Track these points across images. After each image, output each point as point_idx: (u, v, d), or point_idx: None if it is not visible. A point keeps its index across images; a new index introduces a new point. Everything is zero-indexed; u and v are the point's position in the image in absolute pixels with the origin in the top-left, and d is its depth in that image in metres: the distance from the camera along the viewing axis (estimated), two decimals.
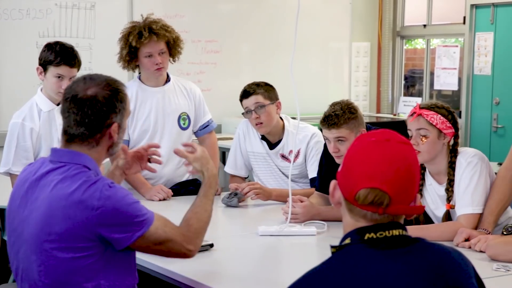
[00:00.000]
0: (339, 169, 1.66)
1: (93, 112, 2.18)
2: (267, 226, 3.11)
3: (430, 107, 3.05)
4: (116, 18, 5.88)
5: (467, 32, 6.97)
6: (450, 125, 3.05)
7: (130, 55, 3.85)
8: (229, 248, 2.87)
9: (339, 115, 3.29)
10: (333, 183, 1.65)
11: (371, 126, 3.56)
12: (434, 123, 3.02)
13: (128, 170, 2.68)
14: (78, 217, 2.08)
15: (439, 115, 3.03)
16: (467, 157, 3.05)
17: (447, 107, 3.09)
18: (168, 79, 4.02)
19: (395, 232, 1.58)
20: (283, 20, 6.64)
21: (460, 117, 7.07)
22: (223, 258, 2.77)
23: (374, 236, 1.57)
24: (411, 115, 3.07)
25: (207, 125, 4.14)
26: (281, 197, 3.64)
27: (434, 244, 1.64)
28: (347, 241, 1.60)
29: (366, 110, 7.80)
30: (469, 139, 7.04)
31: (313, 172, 3.75)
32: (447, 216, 3.09)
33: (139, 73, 4.02)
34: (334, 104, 3.38)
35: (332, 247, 1.62)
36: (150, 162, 2.70)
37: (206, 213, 2.39)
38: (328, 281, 1.53)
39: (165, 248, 2.22)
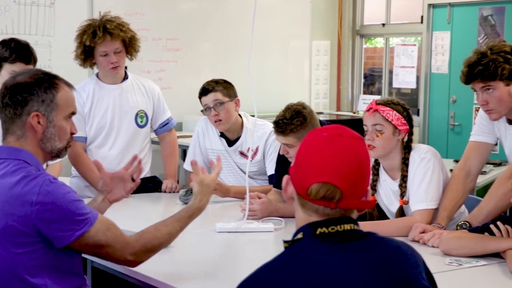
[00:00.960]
0: (292, 164, 1.68)
1: (11, 96, 2.18)
2: (225, 223, 3.13)
3: (386, 103, 3.09)
4: (76, 15, 5.80)
5: (424, 31, 7.07)
6: (405, 121, 3.10)
7: (85, 54, 3.85)
8: (186, 245, 2.87)
9: (286, 124, 3.28)
10: (285, 178, 1.66)
11: (326, 123, 3.59)
12: (389, 119, 3.06)
13: (111, 195, 2.59)
14: (17, 212, 2.07)
15: (395, 112, 3.07)
16: (420, 153, 3.10)
17: (403, 104, 3.14)
18: (126, 77, 4.01)
19: (347, 226, 1.60)
20: (243, 19, 6.65)
21: (418, 115, 7.16)
22: (180, 255, 2.77)
23: (326, 231, 1.58)
24: (368, 110, 3.10)
25: (167, 123, 4.16)
26: (240, 194, 3.66)
27: (384, 238, 1.66)
28: (299, 236, 1.61)
29: (326, 108, 7.86)
30: (427, 137, 7.13)
31: (271, 169, 3.77)
32: (401, 212, 3.15)
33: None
34: (286, 109, 3.36)
35: (284, 242, 1.63)
36: (134, 181, 2.62)
37: (168, 236, 2.34)
38: (280, 275, 1.54)
39: (104, 252, 2.18)
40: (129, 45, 3.90)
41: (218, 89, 3.80)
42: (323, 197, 1.57)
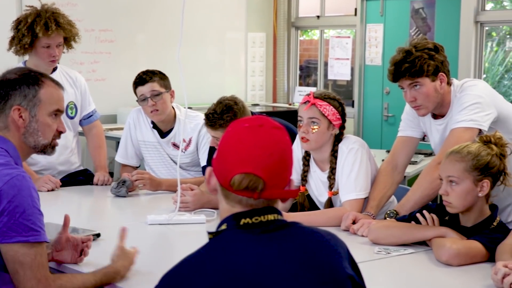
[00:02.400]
0: (214, 155, 1.68)
1: None
2: (156, 215, 3.11)
3: (324, 98, 3.12)
4: (3, 3, 5.73)
5: (358, 24, 7.16)
6: (340, 116, 3.14)
7: (31, 43, 3.79)
8: (117, 237, 2.84)
9: (216, 118, 3.29)
10: (208, 169, 1.66)
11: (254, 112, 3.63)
12: (326, 114, 3.09)
13: (57, 254, 2.48)
14: None
15: (332, 107, 3.11)
16: (348, 144, 3.15)
17: (338, 99, 3.18)
18: (55, 68, 3.96)
19: (270, 217, 1.61)
20: (178, 10, 6.60)
21: (353, 106, 7.26)
22: (110, 247, 2.72)
23: (250, 221, 1.59)
24: (304, 102, 3.13)
25: (91, 115, 4.14)
26: (172, 187, 3.64)
27: (307, 227, 1.68)
28: (223, 227, 1.62)
29: (262, 99, 7.89)
30: (361, 128, 7.23)
31: (204, 160, 3.77)
32: (329, 203, 3.19)
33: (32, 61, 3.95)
34: (217, 103, 3.36)
35: (209, 233, 1.64)
36: (81, 255, 2.53)
37: (82, 284, 2.21)
38: (204, 266, 1.55)
39: (22, 273, 2.07)
40: (70, 40, 3.90)
41: (155, 79, 3.77)
42: (246, 188, 1.57)
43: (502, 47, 7.74)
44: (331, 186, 3.17)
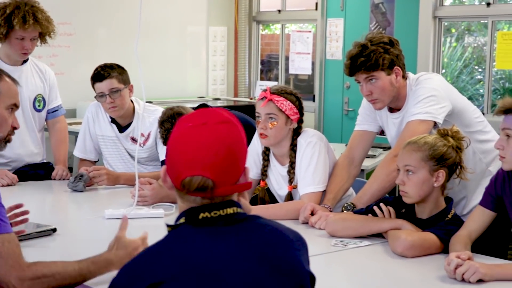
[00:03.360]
0: (165, 156, 1.67)
1: None
2: (114, 210, 3.09)
3: (280, 93, 3.13)
4: None
5: (319, 18, 7.19)
6: (297, 111, 3.15)
7: (6, 33, 3.75)
8: (73, 232, 2.83)
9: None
10: (163, 169, 1.66)
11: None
12: (283, 109, 3.10)
13: None
14: None
15: (289, 102, 3.12)
16: (307, 137, 3.17)
17: (295, 93, 3.19)
18: (26, 59, 3.93)
19: (230, 210, 1.61)
20: (138, 4, 6.56)
21: (313, 100, 7.29)
22: (67, 243, 2.72)
23: (209, 216, 1.59)
24: (261, 99, 3.13)
25: (56, 110, 4.11)
26: (130, 181, 3.63)
27: (267, 221, 1.68)
28: (182, 220, 1.62)
29: (223, 94, 7.88)
30: (322, 122, 7.27)
31: (163, 155, 3.75)
32: (289, 197, 3.21)
33: None
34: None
35: (167, 226, 1.64)
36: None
37: (62, 270, 2.09)
38: (162, 259, 1.55)
39: None
40: (46, 35, 3.88)
41: (113, 75, 3.73)
42: (196, 189, 1.57)
43: (461, 42, 7.85)
44: (290, 180, 3.19)
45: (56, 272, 2.06)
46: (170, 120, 3.28)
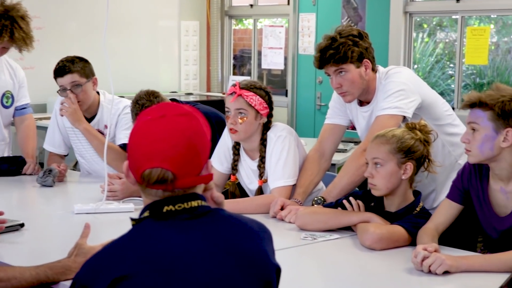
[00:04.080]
0: (127, 151, 1.66)
1: None
2: (84, 204, 3.07)
3: (250, 88, 3.12)
4: None
5: (291, 13, 7.19)
6: (267, 105, 3.16)
7: None
8: (42, 227, 2.80)
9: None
10: (125, 164, 1.65)
11: (181, 101, 3.64)
12: (253, 105, 3.10)
13: None
14: None
15: (258, 96, 3.12)
16: (276, 131, 3.17)
17: (265, 88, 3.19)
18: None
19: (194, 203, 1.61)
20: None
21: (286, 95, 7.30)
22: (35, 238, 2.70)
23: (173, 209, 1.59)
24: (231, 94, 3.13)
25: (24, 108, 4.09)
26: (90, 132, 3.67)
27: (232, 214, 1.69)
28: (146, 214, 1.61)
29: (196, 89, 7.86)
30: (295, 117, 7.28)
31: (121, 140, 3.71)
32: (260, 192, 3.21)
33: None
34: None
35: (132, 219, 1.64)
36: None
37: (22, 282, 2.05)
38: (126, 253, 1.55)
39: None
40: (21, 47, 3.82)
41: (75, 70, 3.67)
42: (156, 182, 1.57)
43: (433, 38, 7.89)
44: (261, 175, 3.19)
45: (13, 277, 2.04)
46: (146, 97, 3.29)
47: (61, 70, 3.69)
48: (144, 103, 3.29)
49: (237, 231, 1.64)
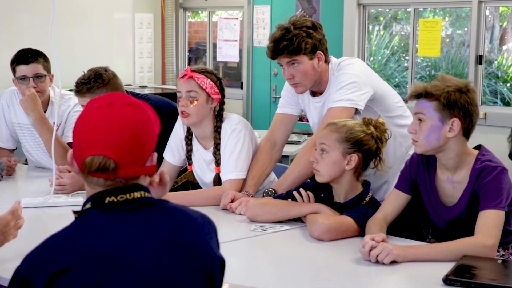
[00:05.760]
0: (72, 138, 1.65)
1: None
2: (32, 198, 3.03)
3: (201, 71, 3.12)
4: None
5: (246, 5, 7.18)
6: (218, 91, 3.14)
7: None
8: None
9: (84, 83, 3.32)
10: (69, 152, 1.63)
11: (136, 93, 3.61)
12: (204, 87, 3.09)
13: None
14: None
15: (209, 80, 3.11)
16: (232, 124, 3.16)
17: (216, 73, 3.18)
18: None
19: (137, 194, 1.59)
20: None
21: (241, 88, 7.29)
22: None
23: (115, 200, 1.57)
24: (182, 77, 3.12)
25: None
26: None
27: (175, 206, 1.67)
28: (88, 205, 1.60)
29: (151, 81, 7.81)
30: (250, 109, 7.28)
31: (70, 138, 3.68)
32: (218, 179, 3.19)
33: None
34: (88, 71, 3.41)
35: (74, 212, 1.62)
36: None
37: None
38: (68, 245, 1.53)
39: None
40: None
41: (40, 61, 3.65)
42: (98, 170, 1.55)
43: (389, 30, 7.95)
44: (217, 162, 3.17)
45: None
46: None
47: (26, 58, 3.63)
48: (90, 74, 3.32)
49: (180, 222, 1.63)
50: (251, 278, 2.25)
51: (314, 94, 3.17)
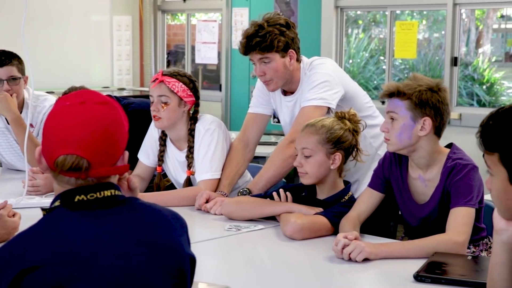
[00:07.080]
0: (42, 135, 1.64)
1: None
2: (4, 199, 3.00)
3: (172, 75, 3.11)
4: None
5: (224, 8, 7.18)
6: (191, 93, 3.13)
7: None
8: None
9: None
10: (38, 150, 1.61)
11: (118, 98, 3.60)
12: (175, 91, 3.08)
13: None
14: None
15: (181, 83, 3.10)
16: (205, 124, 3.16)
17: (189, 76, 3.18)
18: None
19: (107, 192, 1.58)
20: None
21: (220, 90, 7.29)
22: None
23: (85, 198, 1.56)
24: (154, 81, 3.11)
25: None
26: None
27: (146, 204, 1.66)
28: (57, 203, 1.59)
29: (129, 84, 7.79)
30: (229, 111, 7.28)
31: None
32: (188, 182, 3.19)
33: None
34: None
35: (42, 209, 1.61)
36: None
37: None
38: (35, 243, 1.51)
39: None
40: None
41: (14, 63, 3.61)
42: (70, 169, 1.54)
43: (367, 33, 7.99)
44: (189, 165, 3.17)
45: None
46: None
47: (0, 60, 3.58)
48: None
49: (150, 220, 1.62)
50: (224, 277, 2.25)
51: (285, 93, 3.18)
